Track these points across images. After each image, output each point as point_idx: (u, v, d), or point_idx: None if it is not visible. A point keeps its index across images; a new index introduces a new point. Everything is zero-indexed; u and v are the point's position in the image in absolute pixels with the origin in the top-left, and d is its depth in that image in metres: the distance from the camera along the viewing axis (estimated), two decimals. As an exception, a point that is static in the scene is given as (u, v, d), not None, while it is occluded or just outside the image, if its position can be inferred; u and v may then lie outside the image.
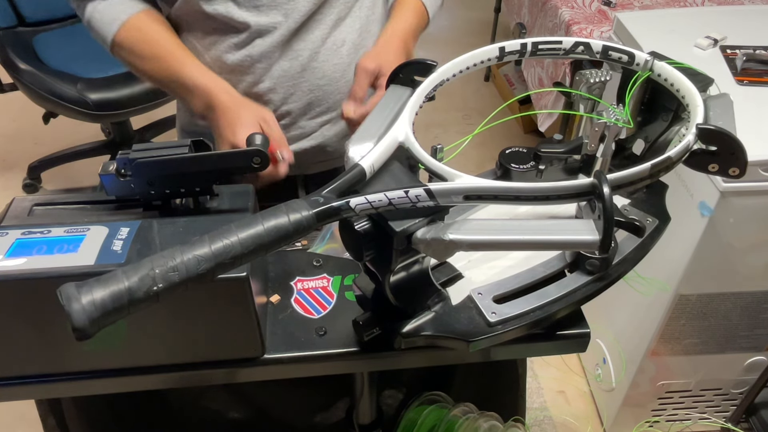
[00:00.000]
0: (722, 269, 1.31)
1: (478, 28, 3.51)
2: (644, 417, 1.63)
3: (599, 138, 0.71)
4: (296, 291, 0.79)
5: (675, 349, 1.47)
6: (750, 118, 1.23)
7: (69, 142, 2.52)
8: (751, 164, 0.66)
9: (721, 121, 0.65)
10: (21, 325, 0.66)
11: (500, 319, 0.67)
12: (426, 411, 1.04)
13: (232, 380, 0.77)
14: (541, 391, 1.83)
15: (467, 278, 0.73)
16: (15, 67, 1.98)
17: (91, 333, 0.48)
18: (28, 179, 2.43)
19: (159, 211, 0.73)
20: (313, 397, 1.06)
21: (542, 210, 0.79)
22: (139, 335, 0.68)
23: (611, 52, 0.75)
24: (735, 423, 1.56)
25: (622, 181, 0.59)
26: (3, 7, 2.09)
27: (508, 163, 0.77)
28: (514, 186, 0.58)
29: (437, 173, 0.61)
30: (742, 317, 1.41)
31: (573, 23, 1.93)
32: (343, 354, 0.72)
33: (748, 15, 1.66)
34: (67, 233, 0.66)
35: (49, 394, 0.84)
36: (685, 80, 0.70)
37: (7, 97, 2.19)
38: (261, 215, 0.54)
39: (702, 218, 1.22)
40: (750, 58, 1.37)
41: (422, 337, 0.68)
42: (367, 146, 0.65)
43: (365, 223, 0.59)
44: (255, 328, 0.69)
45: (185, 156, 0.69)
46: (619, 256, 0.72)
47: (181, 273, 0.50)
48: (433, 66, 0.73)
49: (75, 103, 1.94)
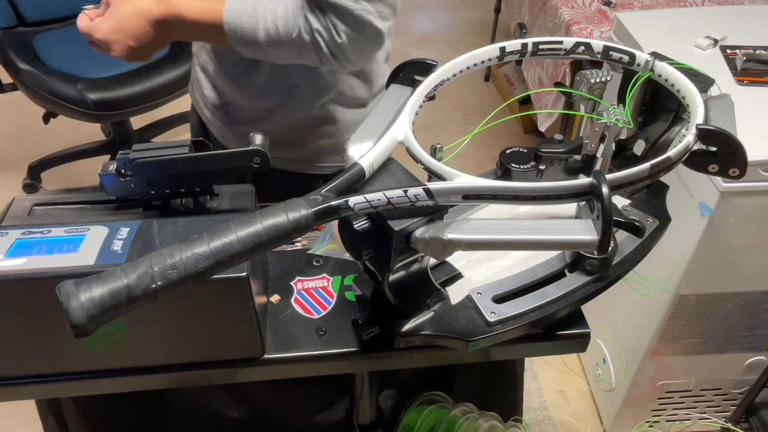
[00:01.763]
0: (722, 269, 1.31)
1: (478, 28, 3.51)
2: (644, 417, 1.63)
3: (599, 138, 0.71)
4: (296, 291, 0.79)
5: (675, 349, 1.47)
6: (750, 118, 1.23)
7: (69, 142, 2.52)
8: (751, 164, 0.66)
9: (721, 122, 0.65)
10: (21, 325, 0.66)
11: (499, 318, 0.67)
12: (426, 411, 1.04)
13: (232, 380, 0.77)
14: (541, 391, 1.83)
15: (466, 278, 0.73)
16: (15, 67, 1.98)
17: (90, 330, 0.48)
18: (28, 179, 2.43)
19: (159, 211, 0.73)
20: (313, 397, 1.06)
21: (542, 210, 0.79)
22: (139, 335, 0.68)
23: (612, 52, 0.75)
24: (735, 423, 1.56)
25: (622, 181, 0.59)
26: (3, 7, 2.09)
27: (509, 163, 0.77)
28: (513, 186, 0.58)
29: (436, 173, 0.61)
30: (742, 317, 1.41)
31: (573, 23, 1.93)
32: (342, 354, 0.73)
33: (748, 15, 1.66)
34: (67, 233, 0.66)
35: (49, 394, 0.84)
36: (686, 81, 0.70)
37: (7, 97, 2.19)
38: (260, 214, 0.54)
39: (702, 218, 1.22)
40: (750, 58, 1.37)
41: (421, 336, 0.68)
42: (367, 145, 0.65)
43: (364, 222, 0.59)
44: (255, 328, 0.69)
45: (185, 156, 0.69)
46: (619, 256, 0.72)
47: (179, 271, 0.50)
48: (433, 66, 0.73)
49: (75, 103, 1.94)
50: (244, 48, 0.90)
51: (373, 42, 0.88)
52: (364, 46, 0.88)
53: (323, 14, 0.85)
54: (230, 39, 0.89)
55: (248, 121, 1.11)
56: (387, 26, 0.88)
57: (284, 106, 1.06)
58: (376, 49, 0.90)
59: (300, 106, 1.06)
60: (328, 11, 0.84)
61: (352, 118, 1.12)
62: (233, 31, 0.88)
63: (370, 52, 0.90)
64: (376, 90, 1.14)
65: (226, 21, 0.88)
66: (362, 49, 0.89)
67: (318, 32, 0.85)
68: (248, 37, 0.88)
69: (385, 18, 0.86)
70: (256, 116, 1.09)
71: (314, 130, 1.10)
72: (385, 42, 0.90)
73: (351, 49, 0.87)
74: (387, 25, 0.87)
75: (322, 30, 0.85)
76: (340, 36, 0.85)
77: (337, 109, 1.09)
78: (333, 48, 0.87)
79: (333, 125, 1.10)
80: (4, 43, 2.04)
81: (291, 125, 1.08)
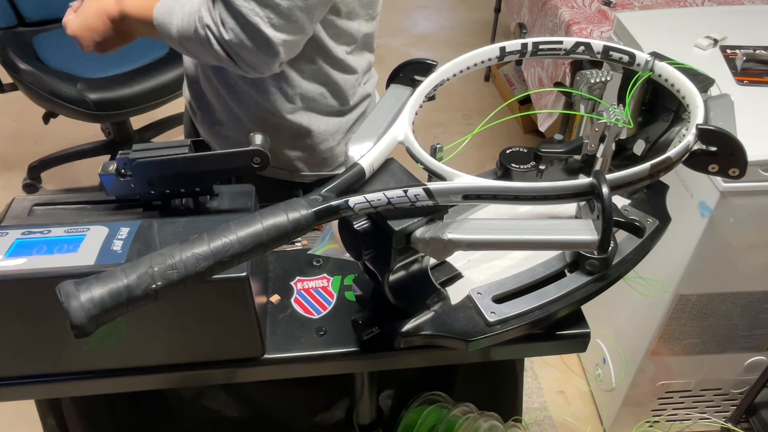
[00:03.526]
0: (722, 269, 1.31)
1: (478, 28, 3.51)
2: (644, 417, 1.63)
3: (599, 138, 0.71)
4: (296, 291, 0.79)
5: (675, 349, 1.47)
6: (750, 118, 1.23)
7: (69, 142, 2.52)
8: (751, 164, 0.66)
9: (721, 122, 0.65)
10: (21, 325, 0.66)
11: (499, 318, 0.67)
12: (426, 411, 1.04)
13: (232, 380, 0.77)
14: (541, 391, 1.83)
15: (467, 278, 0.73)
16: (15, 67, 1.98)
17: (90, 330, 0.48)
18: (28, 179, 2.43)
19: (159, 211, 0.73)
20: (313, 397, 1.06)
21: (542, 210, 0.79)
22: (139, 335, 0.68)
23: (612, 52, 0.75)
24: (735, 423, 1.56)
25: (622, 181, 0.59)
26: (3, 7, 2.09)
27: (509, 163, 0.77)
28: (513, 186, 0.58)
29: (436, 173, 0.61)
30: (742, 317, 1.41)
31: (573, 23, 1.93)
32: (342, 354, 0.73)
33: (748, 15, 1.66)
34: (67, 233, 0.66)
35: (49, 394, 0.84)
36: (686, 81, 0.70)
37: (7, 97, 2.19)
38: (260, 214, 0.54)
39: (702, 218, 1.22)
40: (750, 58, 1.37)
41: (421, 336, 0.68)
42: (367, 145, 0.65)
43: (364, 223, 0.59)
44: (255, 328, 0.69)
45: (185, 156, 0.69)
46: (619, 256, 0.72)
47: (179, 271, 0.50)
48: (433, 66, 0.73)
49: (75, 103, 1.94)
50: (168, 42, 0.94)
51: (264, 49, 0.87)
52: (253, 50, 0.87)
53: (214, 8, 0.87)
54: (159, 35, 0.94)
55: (225, 122, 1.12)
56: (280, 37, 0.86)
57: (255, 111, 1.07)
58: (270, 58, 0.89)
59: (270, 112, 1.06)
60: (217, 6, 0.86)
61: (328, 127, 1.11)
62: (159, 27, 0.92)
63: (264, 60, 0.89)
64: (355, 100, 1.13)
65: (155, 17, 0.92)
66: (253, 54, 0.88)
67: (208, 27, 0.87)
68: (167, 32, 0.92)
69: (277, 27, 0.85)
70: (229, 118, 1.10)
71: (289, 139, 1.10)
72: (279, 53, 0.88)
73: (241, 49, 0.87)
74: (280, 36, 0.86)
75: (212, 25, 0.87)
76: (228, 32, 0.86)
77: (310, 118, 1.09)
78: (224, 45, 0.88)
79: (307, 134, 1.10)
80: (4, 43, 2.04)
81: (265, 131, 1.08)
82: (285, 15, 0.85)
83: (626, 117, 0.69)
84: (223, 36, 0.86)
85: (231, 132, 1.12)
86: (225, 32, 0.86)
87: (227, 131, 1.13)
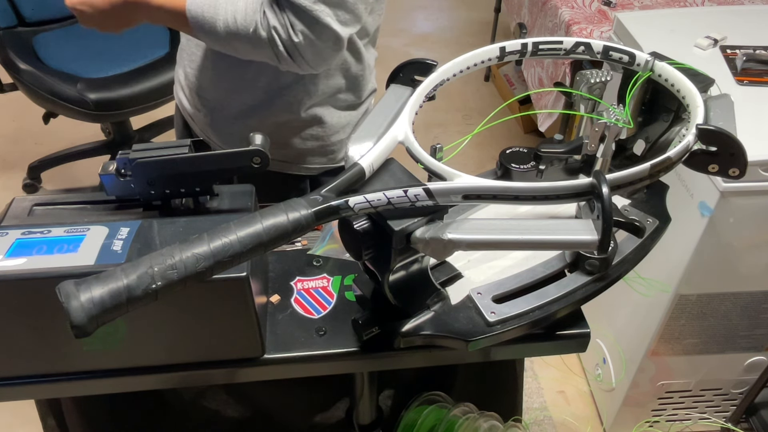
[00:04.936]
0: (722, 269, 1.31)
1: (478, 28, 3.51)
2: (644, 417, 1.63)
3: (599, 138, 0.71)
4: (296, 291, 0.79)
5: (675, 349, 1.47)
6: (750, 118, 1.23)
7: (69, 142, 2.52)
8: (751, 164, 0.66)
9: (721, 122, 0.65)
10: (21, 325, 0.66)
11: (499, 318, 0.67)
12: (426, 411, 1.04)
13: (232, 380, 0.77)
14: (541, 391, 1.83)
15: (467, 278, 0.73)
16: (15, 67, 1.98)
17: (90, 330, 0.48)
18: (28, 179, 2.43)
19: (159, 211, 0.73)
20: (313, 397, 1.06)
21: (542, 210, 0.79)
22: (139, 335, 0.68)
23: (612, 52, 0.75)
24: (735, 423, 1.56)
25: (622, 181, 0.59)
26: (3, 7, 2.09)
27: (509, 163, 0.77)
28: (513, 186, 0.58)
29: (436, 173, 0.61)
30: (742, 317, 1.41)
31: (573, 23, 1.93)
32: (342, 354, 0.72)
33: (748, 15, 1.66)
34: (67, 233, 0.66)
35: (49, 394, 0.84)
36: (686, 81, 0.70)
37: (7, 97, 2.19)
38: (260, 214, 0.54)
39: (702, 218, 1.22)
40: (750, 58, 1.37)
41: (421, 336, 0.68)
42: (367, 145, 0.65)
43: (364, 222, 0.59)
44: (255, 328, 0.69)
45: (185, 156, 0.69)
46: (619, 256, 0.72)
47: (179, 271, 0.50)
48: (433, 66, 0.73)
49: (75, 103, 1.94)
50: (204, 37, 0.93)
51: (331, 46, 0.89)
52: (321, 48, 0.88)
53: (281, 12, 0.86)
54: (192, 27, 0.92)
55: (231, 117, 1.11)
56: (347, 31, 0.88)
57: (269, 105, 1.06)
58: (335, 53, 0.91)
59: (286, 107, 1.06)
60: (286, 9, 0.85)
61: (340, 120, 1.12)
62: (195, 19, 0.91)
63: (328, 55, 0.91)
64: (366, 94, 1.15)
65: (188, 9, 0.91)
66: (319, 52, 0.89)
67: (275, 29, 0.87)
68: (208, 26, 0.90)
69: (345, 23, 0.87)
70: (238, 112, 1.09)
71: (300, 132, 1.10)
72: (344, 47, 0.90)
73: (307, 50, 0.88)
74: (347, 30, 0.88)
75: (279, 27, 0.86)
76: (297, 35, 0.86)
77: (324, 111, 1.09)
78: (289, 47, 0.88)
79: (321, 127, 1.11)
80: (4, 43, 2.04)
81: (276, 125, 1.08)
82: (351, 10, 0.87)
83: (626, 117, 0.69)
84: (292, 38, 0.87)
85: (235, 125, 1.12)
86: (294, 35, 0.86)
87: (231, 126, 1.12)
